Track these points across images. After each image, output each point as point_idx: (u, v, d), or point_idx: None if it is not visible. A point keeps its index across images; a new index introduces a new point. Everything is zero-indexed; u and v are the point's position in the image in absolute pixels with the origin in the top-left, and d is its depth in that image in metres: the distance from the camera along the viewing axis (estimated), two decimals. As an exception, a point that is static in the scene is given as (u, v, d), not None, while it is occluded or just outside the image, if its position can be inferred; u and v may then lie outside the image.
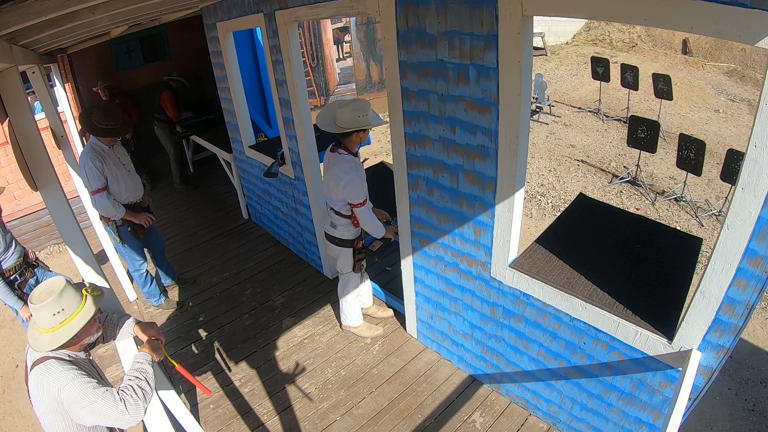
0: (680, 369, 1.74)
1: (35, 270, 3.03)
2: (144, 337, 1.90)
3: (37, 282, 2.95)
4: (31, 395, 1.55)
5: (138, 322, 1.98)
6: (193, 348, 3.35)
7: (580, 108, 8.96)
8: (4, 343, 4.16)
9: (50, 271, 3.16)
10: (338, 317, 3.36)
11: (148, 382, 1.61)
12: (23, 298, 2.81)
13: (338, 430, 2.62)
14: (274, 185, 4.16)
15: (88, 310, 1.56)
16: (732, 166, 4.81)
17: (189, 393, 2.92)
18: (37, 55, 3.04)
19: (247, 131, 4.30)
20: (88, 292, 1.60)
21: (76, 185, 3.76)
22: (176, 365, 1.91)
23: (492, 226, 2.19)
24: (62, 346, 1.54)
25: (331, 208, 2.74)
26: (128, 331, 1.96)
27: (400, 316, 3.36)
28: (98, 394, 1.48)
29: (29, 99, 2.34)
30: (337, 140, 2.57)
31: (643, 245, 2.29)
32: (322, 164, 2.97)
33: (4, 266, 2.79)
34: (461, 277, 2.53)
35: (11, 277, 2.84)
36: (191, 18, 4.63)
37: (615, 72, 8.68)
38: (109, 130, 3.00)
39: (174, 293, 3.96)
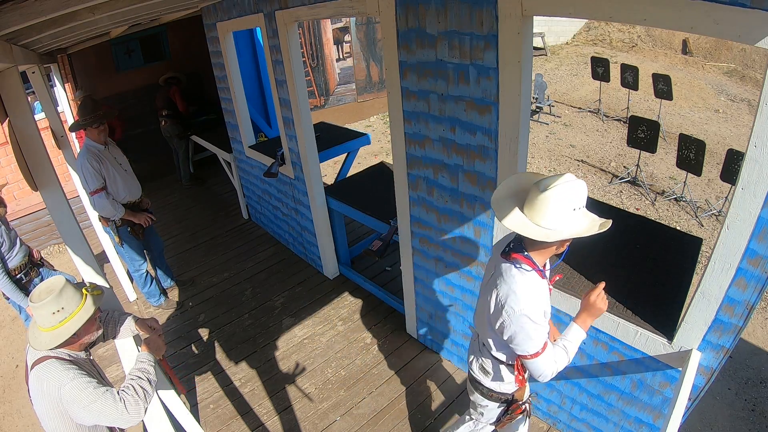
0: (680, 369, 1.74)
1: (40, 269, 3.04)
2: (144, 334, 1.90)
3: (42, 281, 2.95)
4: (31, 395, 1.55)
5: (137, 319, 1.99)
6: (193, 348, 3.35)
7: (580, 108, 8.95)
8: (4, 343, 4.15)
9: (55, 270, 3.16)
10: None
11: (149, 382, 1.61)
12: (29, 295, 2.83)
13: (338, 430, 2.62)
14: (274, 185, 4.16)
15: (87, 309, 1.56)
16: (732, 166, 4.80)
17: (189, 393, 2.92)
18: (37, 55, 3.04)
19: (247, 131, 4.30)
20: (88, 291, 1.60)
21: (75, 185, 3.77)
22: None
23: (492, 226, 2.19)
24: (61, 345, 1.54)
25: (483, 343, 1.76)
26: (129, 327, 1.97)
27: (400, 316, 3.36)
28: (98, 393, 1.48)
29: (29, 99, 2.34)
30: (516, 241, 1.53)
31: (643, 245, 2.29)
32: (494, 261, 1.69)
33: (10, 265, 2.80)
34: (461, 277, 2.53)
35: (17, 276, 2.85)
36: (191, 18, 4.63)
37: (615, 72, 8.66)
38: (86, 122, 2.99)
39: (174, 293, 3.96)
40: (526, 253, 1.47)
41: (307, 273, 4.06)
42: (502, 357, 1.67)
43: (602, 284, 1.53)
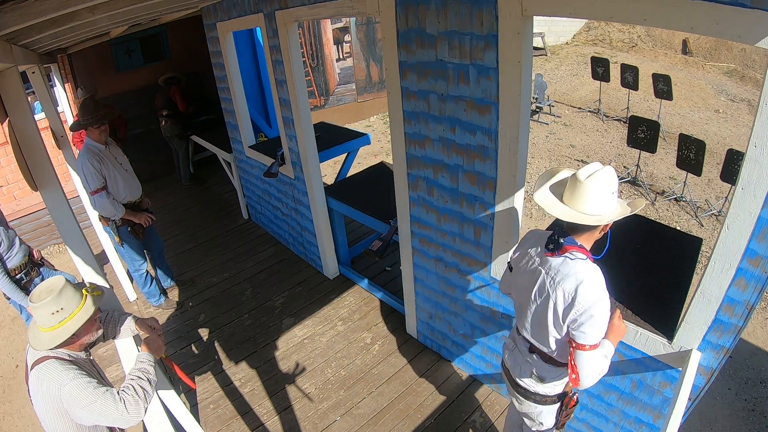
0: (680, 369, 1.74)
1: (40, 269, 3.03)
2: (144, 334, 1.91)
3: (43, 281, 2.95)
4: (31, 395, 1.55)
5: (137, 319, 1.99)
6: (193, 348, 3.35)
7: (580, 108, 8.95)
8: (4, 343, 4.15)
9: (55, 270, 3.16)
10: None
11: (149, 382, 1.61)
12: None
13: (338, 430, 2.62)
14: (274, 185, 4.16)
15: (87, 309, 1.56)
16: (732, 166, 4.80)
17: (189, 393, 2.92)
18: (37, 55, 3.04)
19: (247, 131, 4.30)
20: (88, 292, 1.60)
21: (76, 185, 3.77)
22: (164, 357, 1.92)
23: (492, 226, 2.19)
24: (60, 345, 1.55)
25: (533, 350, 1.71)
26: (129, 327, 1.97)
27: (400, 316, 3.36)
28: (98, 394, 1.48)
29: (29, 99, 2.34)
30: (560, 231, 1.54)
31: (643, 245, 2.29)
32: (515, 260, 1.73)
33: (9, 265, 2.80)
34: (461, 277, 2.53)
35: (17, 276, 2.84)
36: (191, 18, 4.63)
37: (615, 72, 8.66)
38: (87, 122, 3.00)
39: (174, 293, 3.96)
40: (579, 243, 1.49)
41: (307, 273, 4.06)
42: (555, 355, 1.64)
43: (618, 311, 1.62)
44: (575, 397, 1.77)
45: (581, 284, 1.43)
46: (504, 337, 1.98)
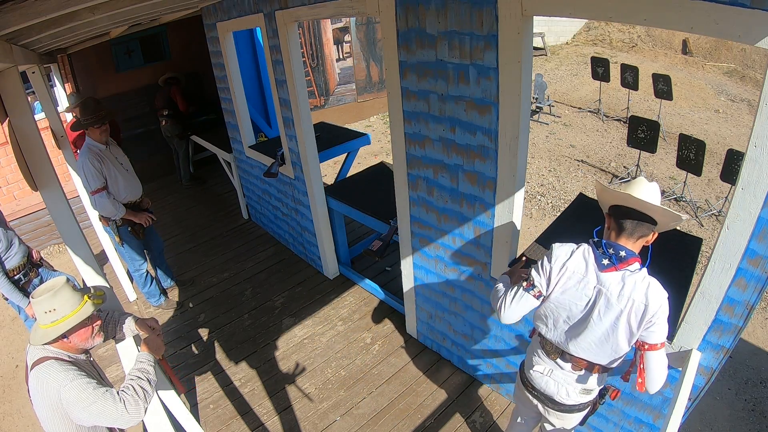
0: (680, 369, 1.74)
1: (39, 270, 3.02)
2: (144, 334, 1.91)
3: (42, 282, 2.94)
4: (31, 395, 1.56)
5: (137, 319, 1.99)
6: (193, 348, 3.35)
7: (580, 108, 8.95)
8: (4, 343, 4.15)
9: (54, 270, 3.15)
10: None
11: (149, 382, 1.62)
12: (28, 296, 2.81)
13: (338, 430, 2.62)
14: (274, 185, 4.16)
15: (80, 315, 1.58)
16: (732, 166, 4.80)
17: (189, 393, 2.92)
18: (37, 55, 3.04)
19: (247, 131, 4.30)
20: (89, 297, 1.61)
21: (76, 185, 3.76)
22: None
23: (492, 226, 2.19)
24: (50, 343, 1.57)
25: (580, 367, 1.66)
26: (129, 327, 1.98)
27: (400, 316, 3.36)
28: (98, 394, 1.48)
29: (29, 99, 2.34)
30: (619, 248, 1.50)
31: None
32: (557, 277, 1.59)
33: (8, 266, 2.79)
34: (461, 277, 2.53)
35: (15, 277, 2.83)
36: (191, 18, 4.63)
37: (615, 72, 8.67)
38: (88, 122, 3.00)
39: (174, 293, 3.96)
40: (635, 253, 1.50)
41: (307, 273, 4.06)
42: (615, 364, 1.64)
43: None
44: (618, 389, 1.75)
45: (649, 288, 1.46)
46: (538, 366, 1.76)
